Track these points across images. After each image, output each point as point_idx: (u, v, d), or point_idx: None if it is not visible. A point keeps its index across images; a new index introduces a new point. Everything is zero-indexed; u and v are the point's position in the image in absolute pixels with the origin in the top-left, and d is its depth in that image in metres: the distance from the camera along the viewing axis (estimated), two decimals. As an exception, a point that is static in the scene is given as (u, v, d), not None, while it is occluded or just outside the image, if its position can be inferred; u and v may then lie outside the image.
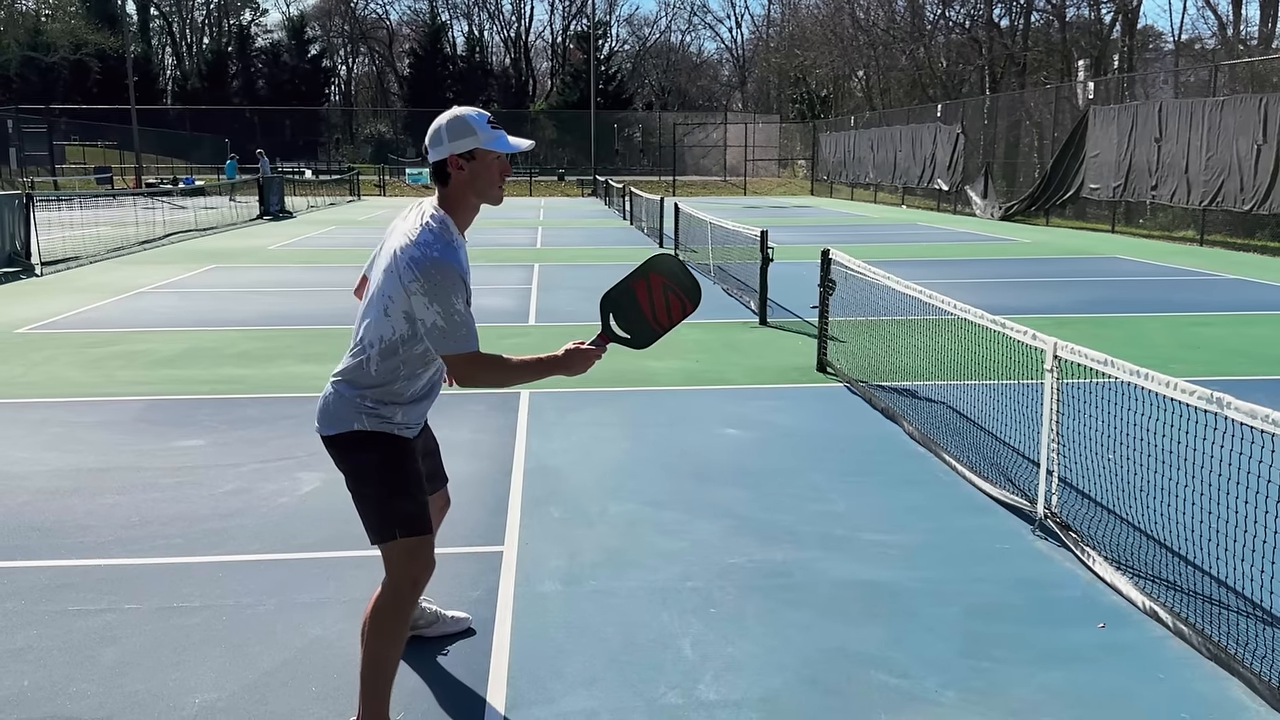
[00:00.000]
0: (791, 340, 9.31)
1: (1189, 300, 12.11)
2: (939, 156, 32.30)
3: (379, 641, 2.84)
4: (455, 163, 2.76)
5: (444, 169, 2.78)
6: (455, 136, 2.75)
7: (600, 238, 21.68)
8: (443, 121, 2.78)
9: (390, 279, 2.72)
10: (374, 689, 2.84)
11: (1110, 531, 4.46)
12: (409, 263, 2.66)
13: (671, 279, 2.99)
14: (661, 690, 3.21)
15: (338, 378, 2.85)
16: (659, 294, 2.98)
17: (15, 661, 3.37)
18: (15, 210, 15.33)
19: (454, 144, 2.75)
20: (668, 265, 3.01)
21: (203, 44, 75.85)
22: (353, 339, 2.87)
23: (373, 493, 2.84)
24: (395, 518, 2.81)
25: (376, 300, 2.78)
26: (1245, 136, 18.48)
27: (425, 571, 2.90)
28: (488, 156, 2.77)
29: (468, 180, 2.78)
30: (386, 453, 2.83)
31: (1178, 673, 3.34)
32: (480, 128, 2.75)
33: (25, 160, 42.64)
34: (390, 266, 2.73)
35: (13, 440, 6.03)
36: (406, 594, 2.86)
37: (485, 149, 2.76)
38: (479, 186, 2.80)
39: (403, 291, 2.68)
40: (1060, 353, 4.34)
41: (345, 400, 2.81)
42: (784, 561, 4.23)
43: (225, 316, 10.74)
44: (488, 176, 2.80)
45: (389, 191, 46.07)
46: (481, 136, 2.75)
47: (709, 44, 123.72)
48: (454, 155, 2.75)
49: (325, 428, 2.84)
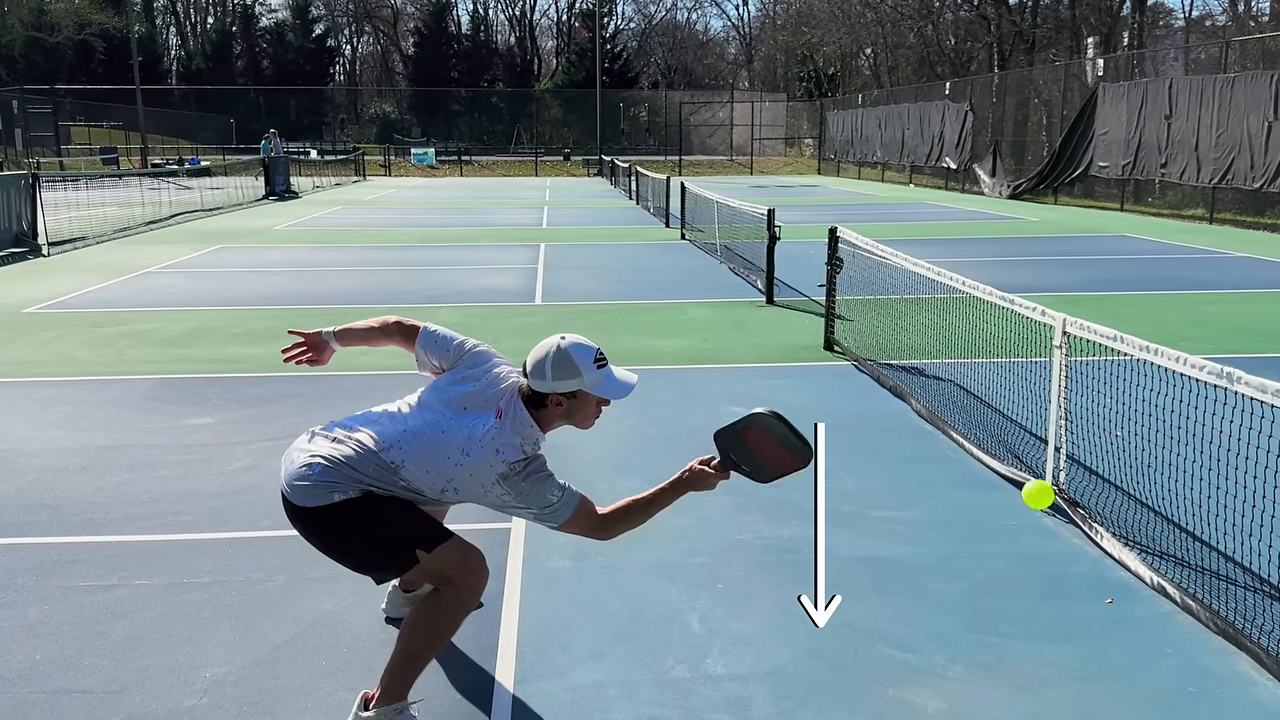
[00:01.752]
0: (798, 319, 9.29)
1: (1198, 278, 12.06)
2: (947, 135, 32.10)
3: (424, 639, 2.76)
4: (555, 399, 2.70)
5: (543, 399, 2.71)
6: (560, 376, 2.66)
7: (606, 217, 21.62)
8: (549, 356, 2.67)
9: (465, 482, 2.67)
10: (403, 672, 2.78)
11: (1118, 507, 4.45)
12: (498, 481, 2.64)
13: (779, 439, 2.80)
14: (669, 664, 3.22)
15: (333, 460, 2.68)
16: (770, 450, 2.82)
17: (28, 636, 3.40)
18: (21, 191, 15.33)
19: (557, 384, 2.67)
20: (773, 427, 2.79)
21: (207, 24, 75.60)
22: (373, 436, 2.72)
23: (361, 547, 2.73)
24: (411, 538, 2.72)
25: (433, 468, 2.68)
26: (1256, 114, 18.33)
27: (483, 578, 2.78)
28: (589, 397, 2.71)
29: (564, 414, 2.74)
30: (366, 509, 2.69)
31: (1185, 647, 3.34)
32: (587, 370, 2.67)
33: (31, 141, 42.63)
34: (466, 468, 2.65)
35: (22, 418, 6.05)
36: (467, 601, 2.78)
37: (589, 393, 2.70)
38: (573, 419, 2.76)
39: (476, 489, 2.67)
40: (1070, 329, 4.33)
41: (338, 475, 2.67)
42: (791, 538, 4.24)
43: (232, 296, 10.75)
44: (584, 413, 2.75)
45: (394, 171, 45.96)
46: (587, 380, 2.68)
47: (715, 21, 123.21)
48: (556, 394, 2.69)
49: (303, 498, 2.67)
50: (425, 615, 2.79)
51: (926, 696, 3.04)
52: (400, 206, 25.70)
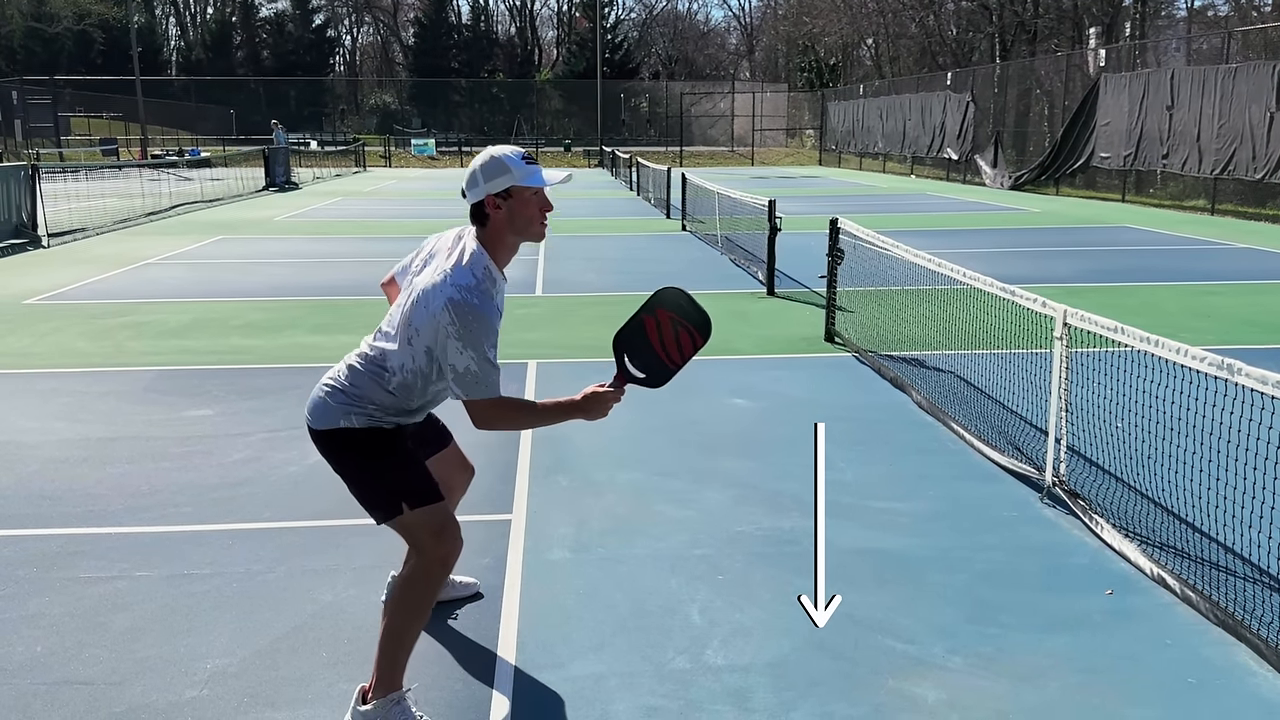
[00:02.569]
0: (799, 310, 9.28)
1: (1200, 269, 12.04)
2: (948, 125, 32.04)
3: (403, 616, 2.81)
4: (492, 203, 2.75)
5: (482, 210, 2.76)
6: (490, 176, 2.73)
7: (607, 209, 21.60)
8: (477, 164, 2.76)
9: (420, 312, 2.70)
10: (391, 660, 2.82)
11: (1118, 499, 4.45)
12: (446, 304, 2.64)
13: (679, 313, 2.92)
14: (670, 655, 3.23)
15: (339, 383, 2.83)
16: (669, 330, 2.91)
17: (29, 628, 3.40)
18: (21, 182, 15.31)
19: (489, 184, 2.73)
20: (674, 299, 2.93)
21: (206, 14, 75.35)
22: (368, 347, 2.85)
23: (362, 475, 2.84)
24: (396, 491, 2.80)
25: (401, 328, 2.76)
26: (1258, 104, 18.28)
27: (454, 550, 2.85)
28: (525, 193, 2.75)
29: (506, 219, 2.77)
30: (371, 441, 2.83)
31: (1185, 639, 3.34)
32: (515, 165, 2.73)
33: (30, 132, 42.60)
34: (422, 300, 2.70)
35: (22, 410, 6.05)
36: (436, 573, 2.83)
37: (522, 186, 2.74)
38: (518, 225, 2.79)
39: (432, 329, 2.67)
40: (1070, 320, 4.32)
41: (339, 401, 2.82)
42: (791, 529, 4.24)
43: (233, 287, 10.75)
44: (526, 214, 2.78)
45: (394, 162, 45.90)
46: (517, 174, 2.73)
47: (716, 12, 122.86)
48: (490, 195, 2.73)
49: (314, 420, 2.85)
50: (400, 592, 2.84)
51: (927, 687, 3.04)
52: (401, 198, 25.67)
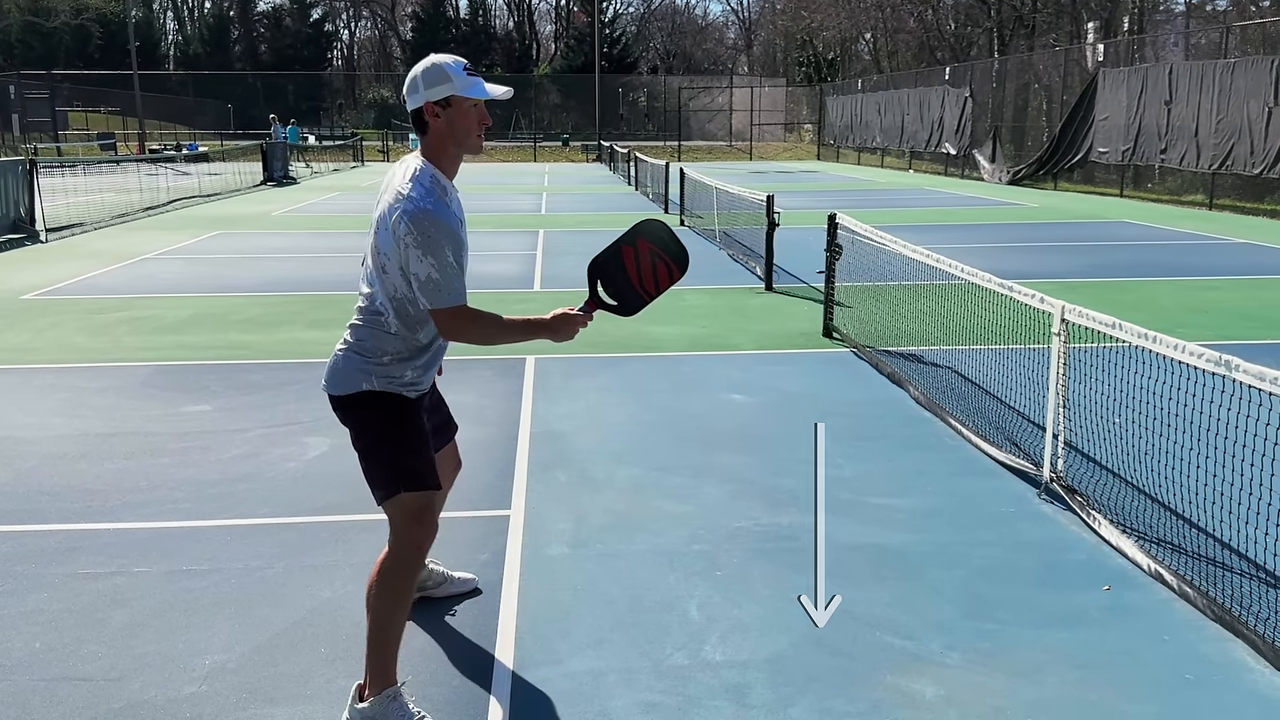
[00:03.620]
0: (798, 305, 9.28)
1: (1198, 264, 12.05)
2: (947, 120, 32.02)
3: (384, 603, 2.84)
4: (431, 110, 2.75)
5: (422, 117, 2.77)
6: (430, 84, 2.74)
7: (605, 203, 21.58)
8: (418, 69, 2.77)
9: (384, 235, 2.73)
10: (380, 651, 2.84)
11: (1116, 495, 4.46)
12: (401, 216, 2.66)
13: (659, 245, 2.97)
14: (668, 651, 3.23)
15: (348, 343, 2.86)
16: (646, 260, 2.96)
17: (27, 624, 3.40)
18: (19, 176, 15.30)
19: (429, 91, 2.74)
20: (655, 231, 2.98)
21: (204, 8, 75.14)
22: (359, 301, 2.87)
23: (377, 450, 2.85)
24: (401, 473, 2.83)
25: (374, 258, 2.79)
26: (1256, 99, 18.28)
27: (429, 535, 2.91)
28: (464, 104, 2.76)
29: (445, 128, 2.78)
30: (391, 411, 2.85)
31: (1182, 634, 3.35)
32: (456, 74, 2.74)
33: (28, 126, 42.49)
34: (381, 224, 2.74)
35: (20, 405, 6.05)
36: (412, 558, 2.87)
37: (461, 96, 2.74)
38: (457, 135, 2.79)
39: (397, 247, 2.69)
40: (1068, 316, 4.32)
41: (354, 362, 2.83)
42: (790, 525, 4.24)
43: (231, 282, 10.73)
44: (465, 125, 2.78)
45: (392, 156, 45.79)
46: (457, 83, 2.73)
47: (715, 6, 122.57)
48: (429, 103, 2.75)
49: (333, 387, 2.86)
50: (380, 582, 2.85)
51: (925, 683, 3.05)
52: (399, 192, 25.57)
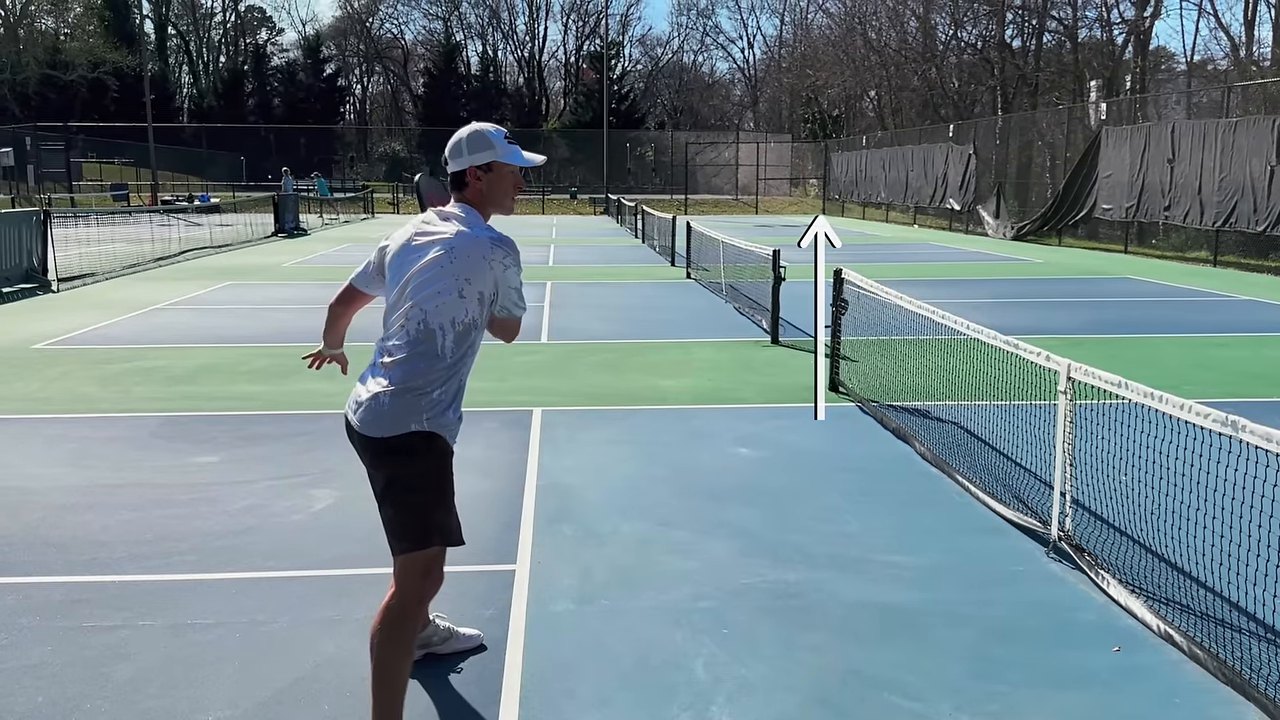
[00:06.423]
0: (804, 359, 9.30)
1: (1202, 321, 12.07)
2: (951, 176, 32.30)
3: (388, 651, 2.84)
4: (474, 174, 3.00)
5: (462, 178, 3.01)
6: (475, 150, 2.98)
7: (612, 256, 21.73)
8: (464, 135, 3.02)
9: (466, 263, 2.88)
10: (386, 704, 2.83)
11: (1124, 554, 4.44)
12: (492, 243, 2.91)
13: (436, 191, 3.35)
14: (674, 711, 3.20)
15: (391, 382, 2.86)
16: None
17: (29, 678, 3.39)
18: (33, 227, 15.46)
19: (473, 156, 2.99)
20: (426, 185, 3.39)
21: (219, 62, 76.58)
22: (399, 337, 2.90)
23: (421, 500, 2.88)
24: (435, 528, 2.88)
25: (448, 284, 2.88)
26: (1258, 157, 18.44)
27: (435, 588, 2.98)
28: (504, 169, 3.02)
29: (484, 190, 3.01)
30: (440, 460, 2.90)
31: (1194, 698, 3.31)
32: (498, 142, 2.99)
33: (43, 177, 43.05)
34: (463, 252, 2.88)
35: (29, 455, 6.07)
36: (414, 609, 2.91)
37: (502, 162, 2.98)
38: (494, 197, 3.04)
39: (486, 270, 2.89)
40: (1075, 374, 4.34)
41: (402, 400, 2.85)
42: (797, 582, 4.22)
43: (240, 333, 10.80)
44: (503, 188, 3.04)
45: (403, 209, 46.21)
46: (499, 150, 2.99)
47: (721, 64, 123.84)
48: (473, 167, 2.97)
49: (379, 429, 2.85)
50: (385, 633, 2.85)
51: (933, 746, 3.01)
52: (407, 244, 25.77)
